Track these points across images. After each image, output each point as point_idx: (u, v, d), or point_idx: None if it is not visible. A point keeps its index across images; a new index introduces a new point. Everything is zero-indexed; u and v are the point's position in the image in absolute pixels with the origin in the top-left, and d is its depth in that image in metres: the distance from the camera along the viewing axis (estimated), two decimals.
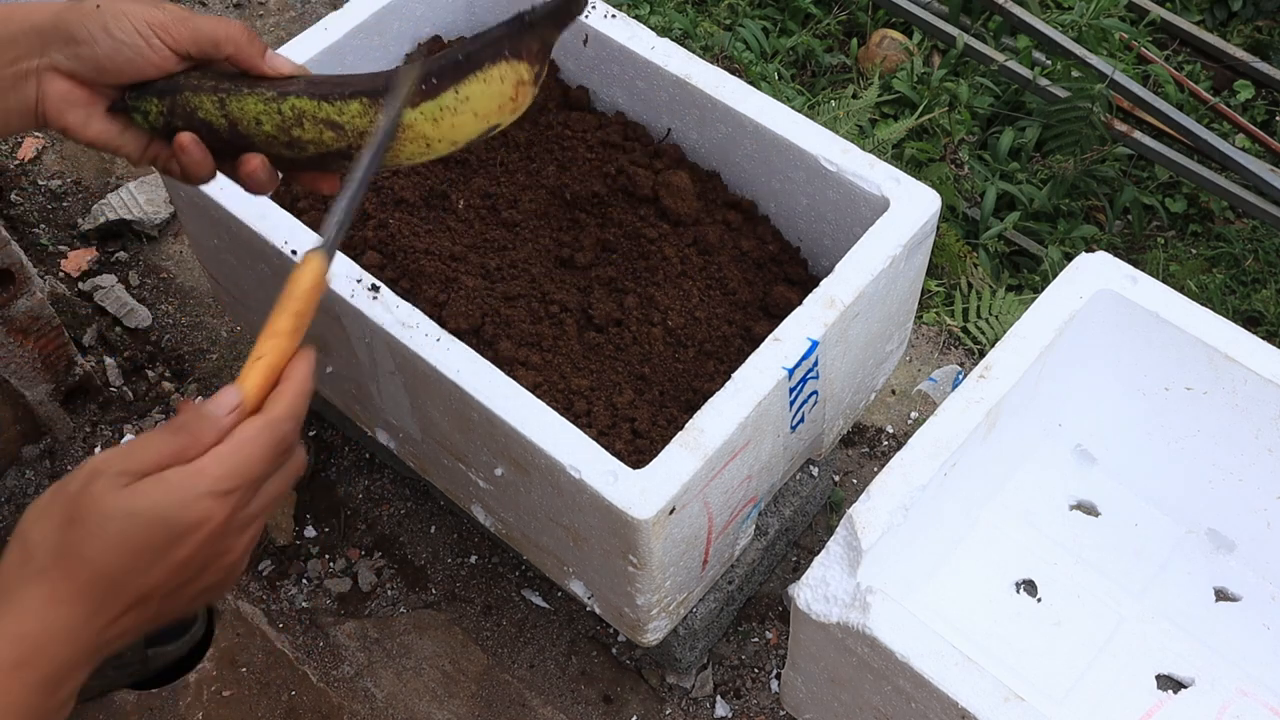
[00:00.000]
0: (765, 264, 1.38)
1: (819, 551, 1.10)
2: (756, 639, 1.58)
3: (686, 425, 1.11)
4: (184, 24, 0.85)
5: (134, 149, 0.90)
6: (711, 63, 1.44)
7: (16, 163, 2.08)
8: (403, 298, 1.20)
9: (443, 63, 0.87)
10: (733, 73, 2.04)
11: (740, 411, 1.11)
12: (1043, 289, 1.28)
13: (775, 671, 1.56)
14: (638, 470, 1.07)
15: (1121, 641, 1.27)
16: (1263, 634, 1.27)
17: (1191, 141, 2.60)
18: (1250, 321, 2.42)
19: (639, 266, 1.35)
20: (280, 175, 0.94)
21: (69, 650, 0.70)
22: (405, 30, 1.48)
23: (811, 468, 1.48)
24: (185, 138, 0.88)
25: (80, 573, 0.70)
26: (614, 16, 1.41)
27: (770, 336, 1.16)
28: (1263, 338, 1.25)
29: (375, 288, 1.20)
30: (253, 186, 0.93)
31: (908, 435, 1.69)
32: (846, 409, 1.38)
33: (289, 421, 0.76)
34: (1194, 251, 2.61)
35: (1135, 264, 2.19)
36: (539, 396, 1.13)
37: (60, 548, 0.70)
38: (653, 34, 1.39)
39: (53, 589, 0.70)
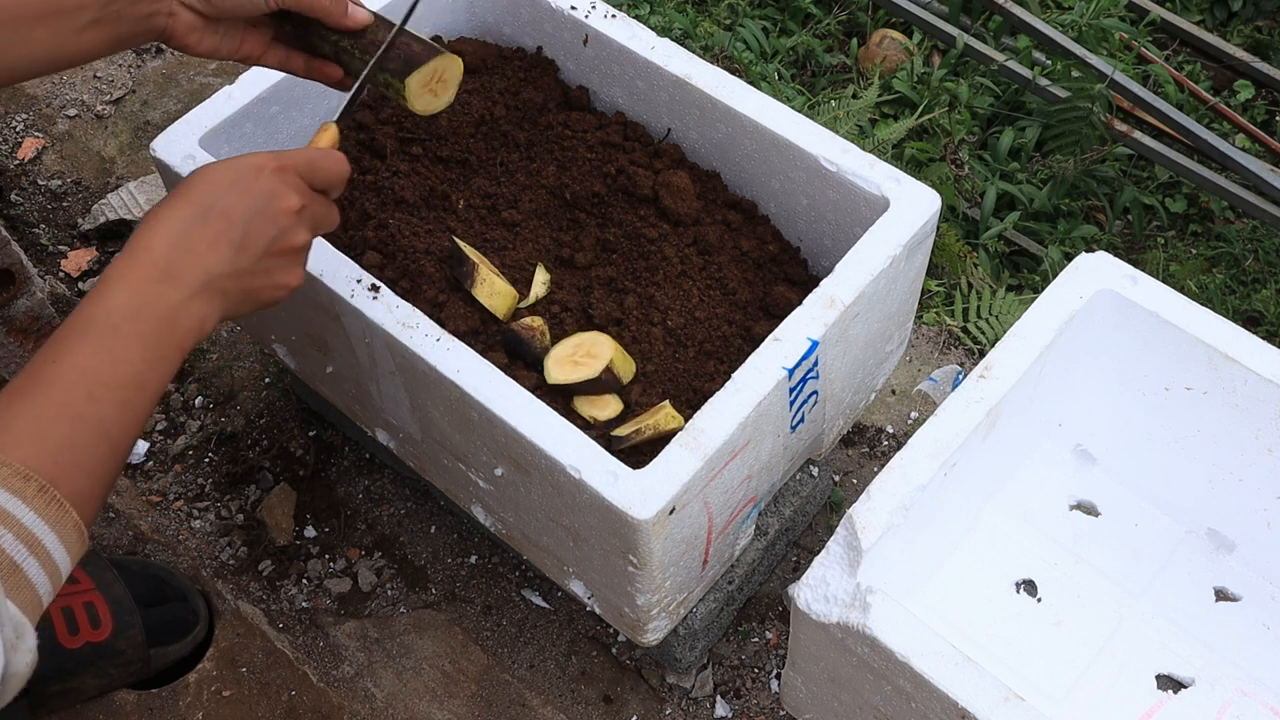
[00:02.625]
0: (765, 264, 1.38)
1: (819, 551, 1.10)
2: (756, 639, 1.58)
3: (686, 425, 1.11)
4: None
5: (229, 49, 1.10)
6: (711, 63, 1.44)
7: (16, 163, 2.08)
8: (403, 298, 1.20)
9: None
10: (733, 73, 2.04)
11: (740, 411, 1.11)
12: (1043, 289, 1.28)
13: (775, 671, 1.56)
14: (638, 470, 1.07)
15: (1121, 641, 1.27)
16: (1263, 634, 1.27)
17: (1191, 141, 2.60)
18: (1250, 321, 2.42)
19: (639, 266, 1.35)
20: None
21: (159, 318, 0.89)
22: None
23: (811, 468, 1.48)
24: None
25: (152, 249, 0.90)
26: (614, 16, 1.41)
27: (770, 336, 1.16)
28: (1263, 338, 1.25)
29: (375, 288, 1.20)
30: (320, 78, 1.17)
31: (908, 435, 1.69)
32: (846, 409, 1.39)
33: (321, 155, 1.01)
34: (1194, 251, 2.61)
35: (1135, 264, 2.19)
36: (539, 396, 1.13)
37: (131, 243, 0.91)
38: (653, 34, 1.39)
39: (132, 267, 0.89)
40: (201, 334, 0.92)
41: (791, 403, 1.20)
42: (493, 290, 1.27)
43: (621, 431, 1.19)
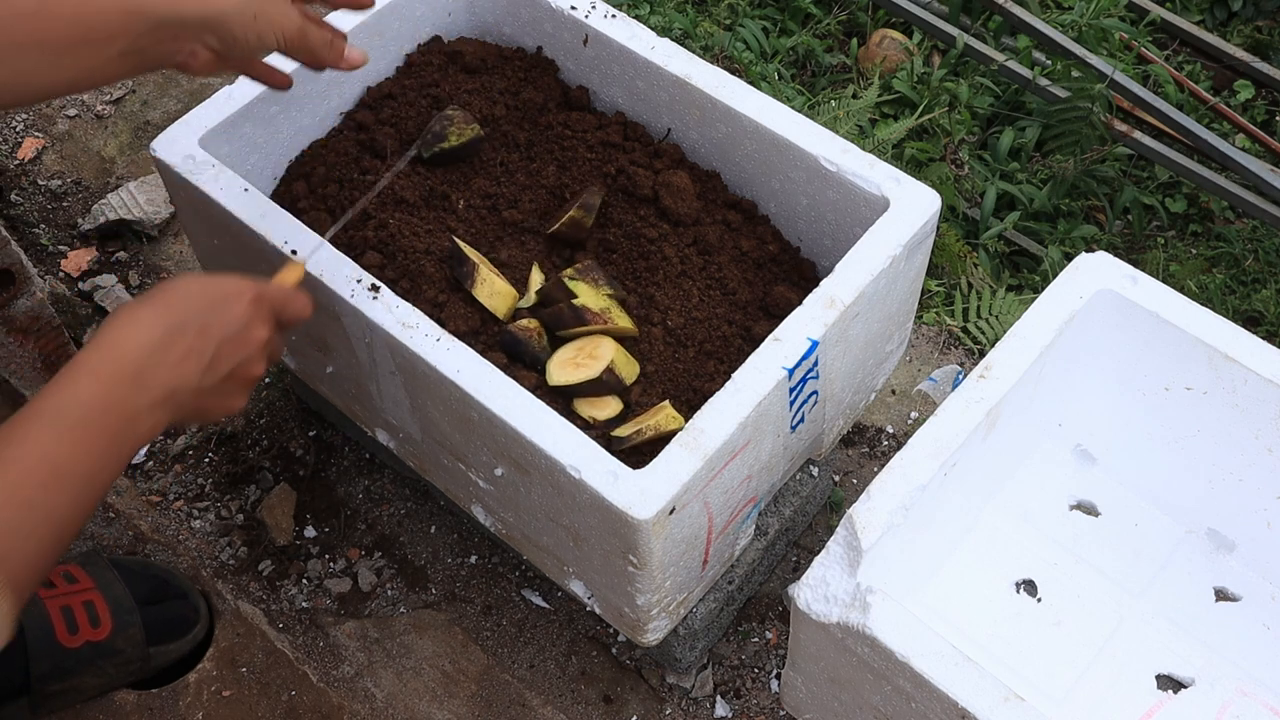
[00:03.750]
0: (765, 264, 1.38)
1: (819, 551, 1.10)
2: (756, 639, 1.58)
3: (686, 425, 1.11)
4: (302, 38, 1.09)
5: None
6: (711, 63, 1.44)
7: (16, 163, 2.08)
8: (403, 298, 1.20)
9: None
10: (733, 73, 2.04)
11: (740, 411, 1.11)
12: (1043, 289, 1.28)
13: (775, 671, 1.56)
14: (638, 470, 1.07)
15: (1121, 641, 1.27)
16: (1263, 634, 1.27)
17: (1191, 141, 2.60)
18: (1250, 321, 2.42)
19: (639, 266, 1.35)
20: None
21: (123, 417, 0.92)
22: (405, 30, 1.48)
23: (811, 468, 1.48)
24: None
25: (125, 351, 0.94)
26: (614, 16, 1.41)
27: (770, 336, 1.16)
28: (1263, 338, 1.25)
29: (375, 288, 1.20)
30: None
31: (908, 435, 1.69)
32: (846, 409, 1.39)
33: (293, 296, 1.09)
34: (1194, 251, 2.61)
35: (1135, 264, 2.19)
36: (539, 397, 1.13)
37: (102, 338, 0.95)
38: (653, 34, 1.39)
39: (102, 364, 0.93)
40: (149, 439, 0.96)
41: (791, 403, 1.20)
42: (493, 290, 1.27)
43: (622, 432, 1.19)
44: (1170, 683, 1.25)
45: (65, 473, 0.87)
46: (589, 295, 1.28)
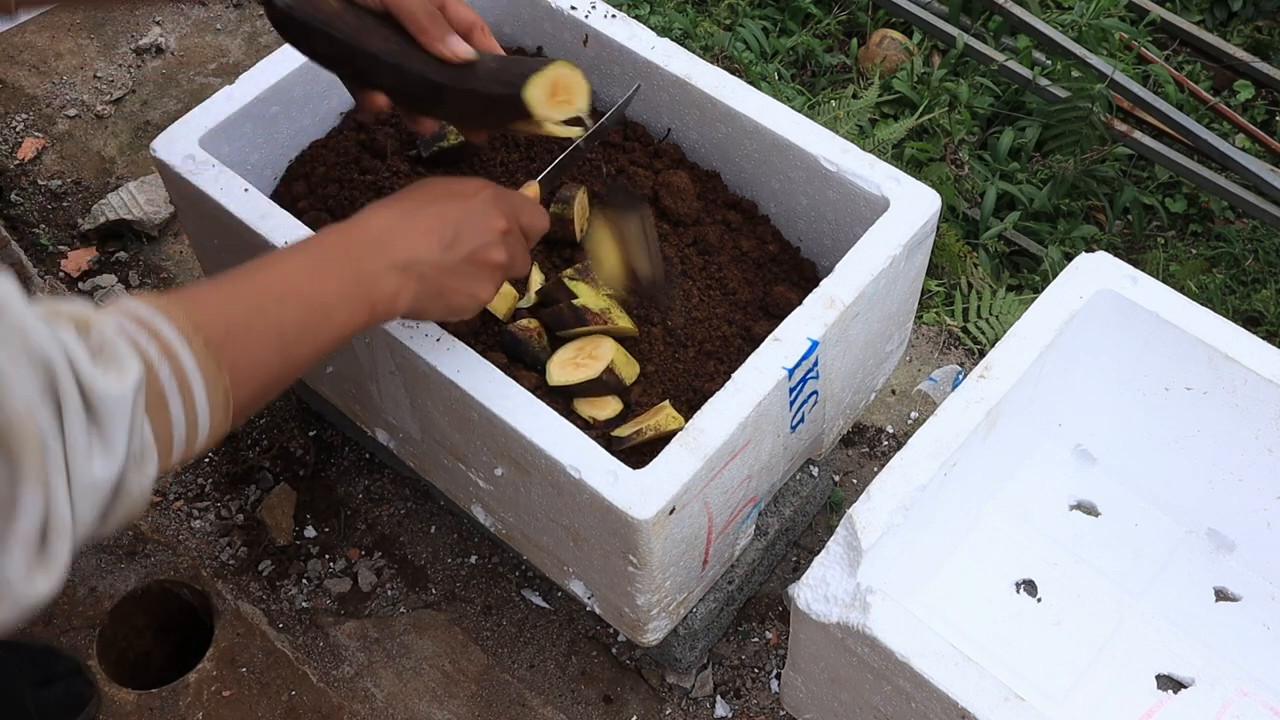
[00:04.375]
0: (765, 264, 1.38)
1: (819, 551, 1.10)
2: (756, 639, 1.58)
3: (686, 425, 1.11)
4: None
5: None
6: (711, 63, 1.44)
7: (16, 163, 2.08)
8: None
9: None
10: (733, 73, 2.04)
11: (740, 411, 1.11)
12: (1043, 289, 1.28)
13: (775, 671, 1.56)
14: (638, 470, 1.07)
15: (1121, 641, 1.27)
16: (1263, 634, 1.27)
17: (1191, 141, 2.60)
18: (1250, 321, 2.42)
19: None
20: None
21: (361, 270, 0.94)
22: None
23: (811, 468, 1.48)
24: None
25: (369, 225, 0.98)
26: (614, 16, 1.41)
27: (770, 336, 1.16)
28: (1263, 338, 1.25)
29: None
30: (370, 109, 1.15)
31: (908, 435, 1.69)
32: (846, 409, 1.38)
33: (530, 202, 1.10)
34: (1194, 251, 2.61)
35: (1135, 264, 2.19)
36: (539, 397, 1.13)
37: (350, 220, 0.98)
38: (653, 34, 1.39)
39: (345, 233, 0.97)
40: (391, 308, 0.97)
41: (791, 403, 1.20)
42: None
43: (622, 432, 1.19)
44: (1170, 683, 1.25)
45: (300, 295, 0.90)
46: (589, 295, 1.28)
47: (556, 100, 1.06)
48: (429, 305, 1.01)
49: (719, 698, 1.53)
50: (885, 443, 1.77)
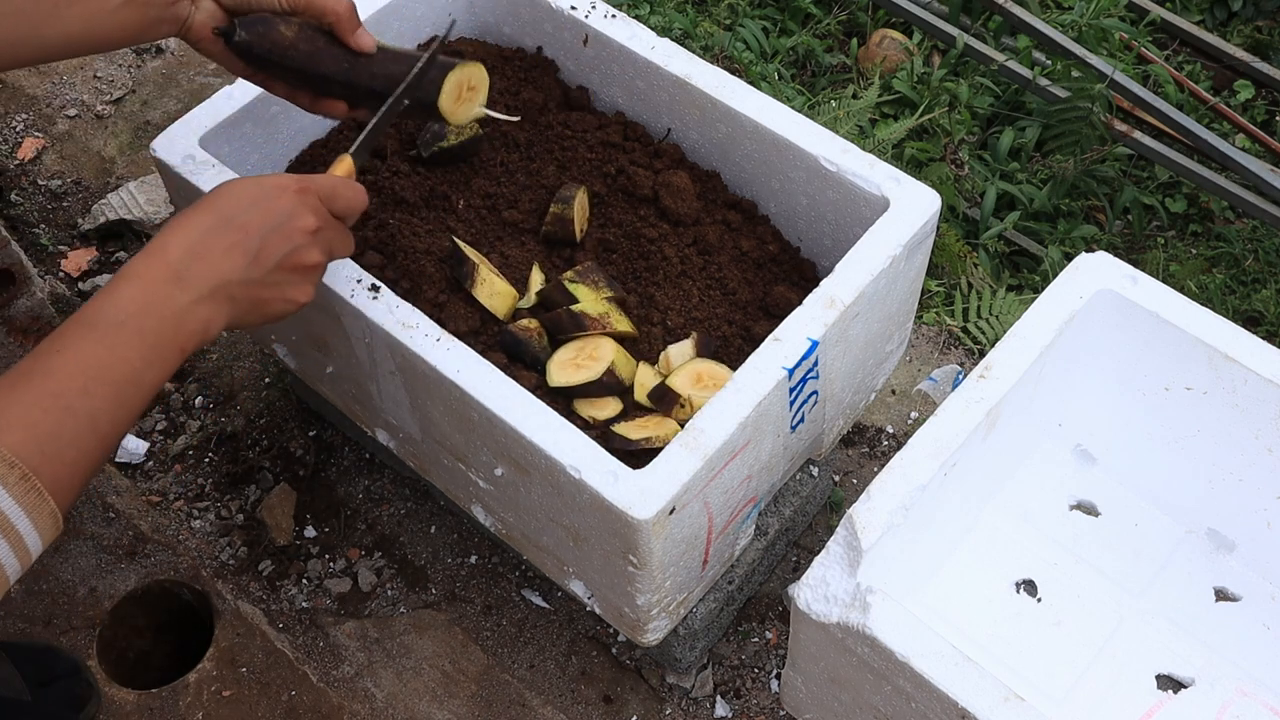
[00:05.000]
0: (765, 264, 1.38)
1: (819, 551, 1.10)
2: (756, 639, 1.58)
3: (687, 425, 1.11)
4: None
5: (240, 67, 1.15)
6: (711, 63, 1.44)
7: (16, 163, 2.08)
8: (403, 298, 1.20)
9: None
10: (733, 73, 2.04)
11: (740, 411, 1.11)
12: (1043, 289, 1.28)
13: (775, 671, 1.56)
14: (638, 470, 1.07)
15: (1121, 641, 1.27)
16: (1263, 634, 1.27)
17: (1191, 141, 2.60)
18: (1250, 321, 2.42)
19: (639, 266, 1.35)
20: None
21: (163, 317, 0.92)
22: (405, 30, 1.48)
23: (811, 468, 1.48)
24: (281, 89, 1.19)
25: (167, 252, 0.94)
26: (614, 16, 1.41)
27: (770, 336, 1.16)
28: (1263, 338, 1.25)
29: (375, 288, 1.20)
30: (328, 113, 1.21)
31: (908, 435, 1.69)
32: (846, 409, 1.38)
33: (342, 184, 1.07)
34: (1194, 251, 2.61)
35: (1135, 264, 2.19)
36: (539, 397, 1.13)
37: (149, 245, 0.95)
38: (653, 34, 1.39)
39: (146, 267, 0.93)
40: (205, 338, 0.96)
41: (791, 403, 1.20)
42: (493, 290, 1.27)
43: (628, 433, 1.19)
44: (1170, 683, 1.25)
45: (105, 378, 0.87)
46: (589, 298, 1.28)
47: (461, 101, 1.18)
48: (244, 320, 1.00)
49: (719, 698, 1.53)
50: (885, 443, 1.77)
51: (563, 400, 1.24)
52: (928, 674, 1.00)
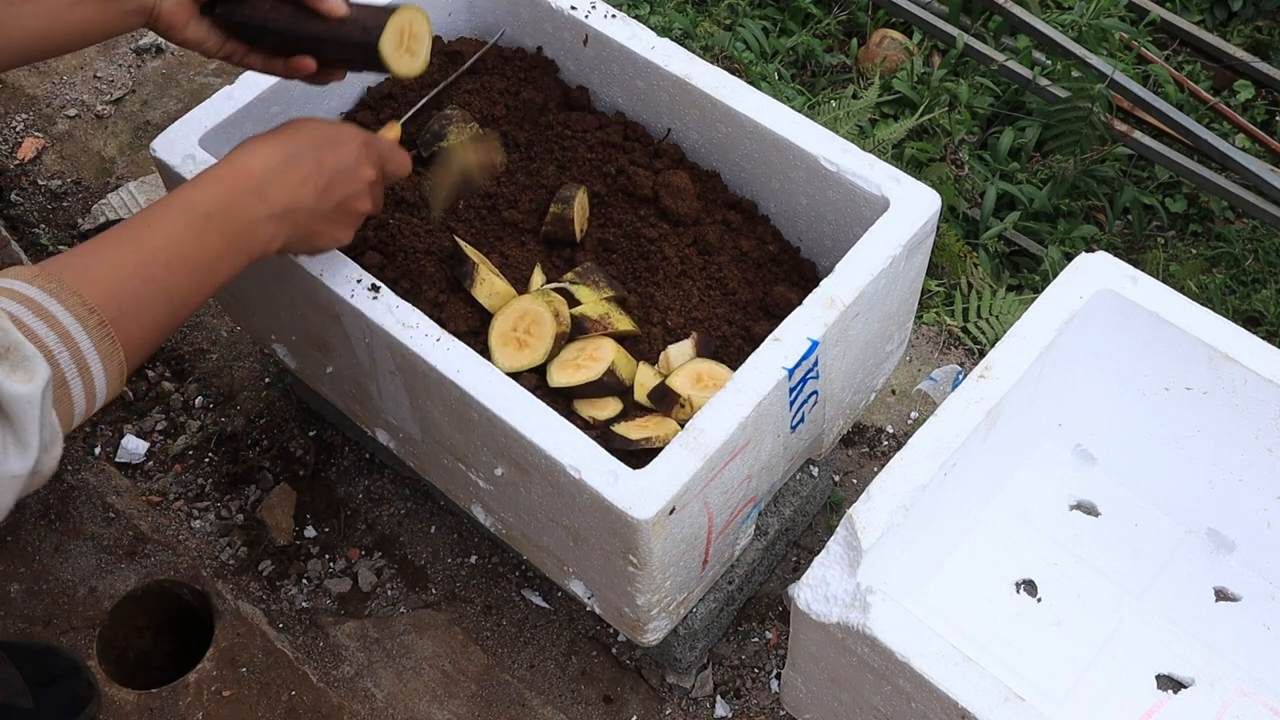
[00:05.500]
0: (765, 264, 1.38)
1: (819, 551, 1.10)
2: (756, 639, 1.58)
3: (687, 425, 1.11)
4: None
5: (214, 46, 1.15)
6: (711, 63, 1.44)
7: (16, 163, 2.08)
8: (403, 298, 1.20)
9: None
10: (733, 73, 2.04)
11: (740, 411, 1.11)
12: (1043, 289, 1.28)
13: (775, 671, 1.56)
14: (638, 470, 1.07)
15: (1121, 641, 1.27)
16: (1263, 634, 1.27)
17: (1191, 141, 2.60)
18: (1250, 321, 2.42)
19: (639, 266, 1.35)
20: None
21: (243, 221, 1.00)
22: None
23: (811, 468, 1.48)
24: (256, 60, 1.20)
25: (251, 167, 1.02)
26: (614, 16, 1.41)
27: (770, 336, 1.16)
28: (1263, 338, 1.25)
29: (375, 288, 1.20)
30: (298, 74, 1.21)
31: (908, 435, 1.69)
32: (846, 409, 1.39)
33: (397, 149, 1.17)
34: (1194, 251, 2.61)
35: (1135, 264, 2.19)
36: (539, 397, 1.13)
37: (229, 157, 1.03)
38: (653, 34, 1.39)
39: (231, 175, 1.02)
40: (268, 251, 1.04)
41: (791, 403, 1.20)
42: (492, 290, 1.27)
43: (629, 433, 1.19)
44: (1170, 683, 1.25)
45: (187, 258, 0.96)
46: (590, 299, 1.28)
47: (403, 49, 1.18)
48: (296, 246, 1.09)
49: (719, 698, 1.54)
50: (885, 443, 1.77)
51: (563, 400, 1.24)
52: (928, 674, 1.00)
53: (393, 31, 1.14)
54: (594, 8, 1.42)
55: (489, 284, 1.27)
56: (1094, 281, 1.25)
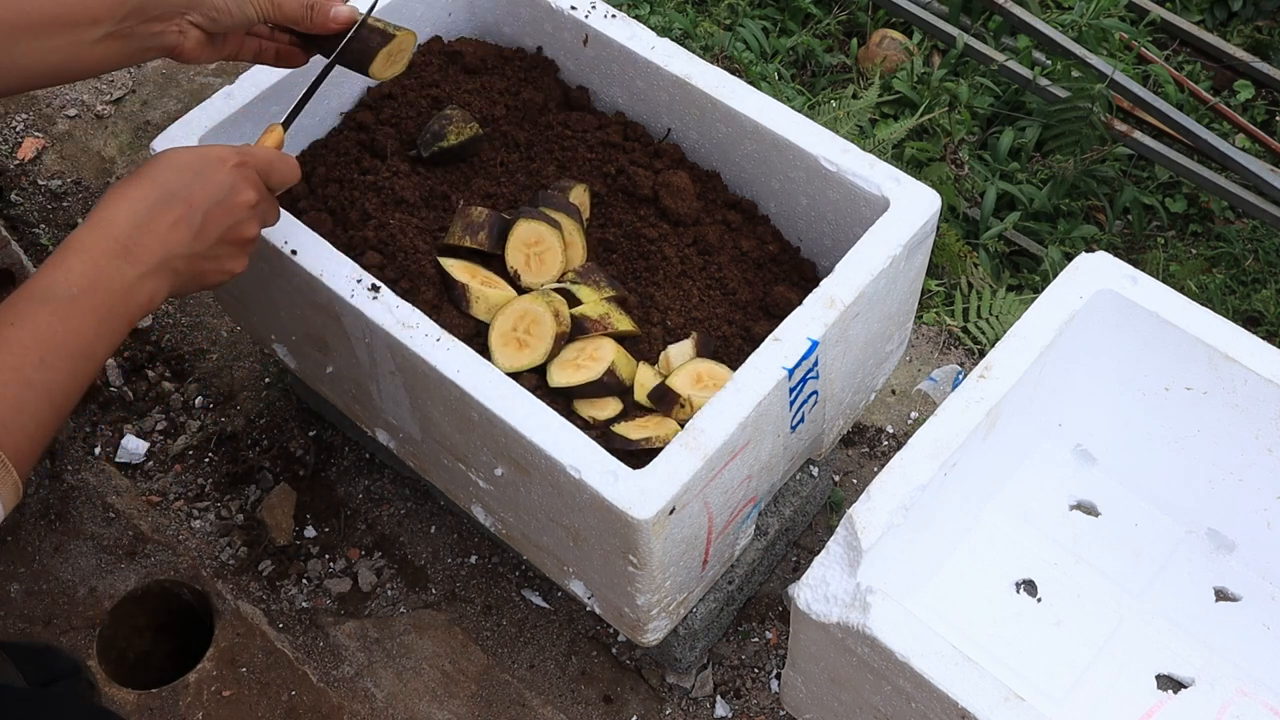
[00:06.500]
0: (765, 264, 1.38)
1: (819, 551, 1.10)
2: (756, 639, 1.58)
3: (687, 425, 1.11)
4: (277, 8, 1.14)
5: (218, 56, 1.17)
6: (711, 63, 1.44)
7: (16, 163, 2.08)
8: (402, 298, 1.20)
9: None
10: (733, 73, 2.04)
11: (740, 411, 1.11)
12: (1043, 289, 1.28)
13: (775, 671, 1.56)
14: (638, 470, 1.07)
15: (1121, 641, 1.27)
16: (1263, 634, 1.27)
17: (1191, 141, 2.60)
18: (1250, 321, 2.42)
19: (639, 266, 1.35)
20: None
21: (112, 291, 0.94)
22: None
23: (811, 468, 1.48)
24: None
25: (114, 226, 0.96)
26: (614, 16, 1.41)
27: (770, 336, 1.16)
28: (1263, 338, 1.25)
29: (375, 288, 1.20)
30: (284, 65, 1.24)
31: (908, 435, 1.69)
32: (846, 409, 1.38)
33: (278, 158, 1.09)
34: (1194, 251, 2.61)
35: (1135, 264, 2.19)
36: (539, 396, 1.13)
37: (92, 217, 0.97)
38: (653, 34, 1.39)
39: (94, 241, 0.95)
40: (150, 308, 0.99)
41: (791, 403, 1.20)
42: (488, 305, 1.27)
43: (629, 433, 1.19)
44: (1170, 683, 1.25)
45: (61, 351, 0.90)
46: (590, 299, 1.28)
47: (389, 64, 1.23)
48: (185, 289, 1.03)
49: (719, 698, 1.54)
50: (885, 443, 1.77)
51: (563, 400, 1.24)
52: (928, 674, 1.00)
53: (384, 53, 1.20)
54: (594, 8, 1.42)
55: (484, 299, 1.26)
56: (1094, 281, 1.25)
